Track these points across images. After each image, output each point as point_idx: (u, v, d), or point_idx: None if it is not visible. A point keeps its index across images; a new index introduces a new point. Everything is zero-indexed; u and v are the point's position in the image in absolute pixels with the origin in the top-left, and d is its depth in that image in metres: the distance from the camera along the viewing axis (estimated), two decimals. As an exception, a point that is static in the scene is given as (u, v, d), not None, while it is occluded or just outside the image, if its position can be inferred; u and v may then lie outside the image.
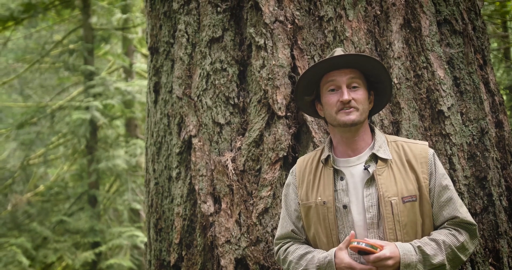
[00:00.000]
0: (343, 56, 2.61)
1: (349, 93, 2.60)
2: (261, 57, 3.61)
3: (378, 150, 2.63)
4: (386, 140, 2.69)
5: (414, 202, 2.54)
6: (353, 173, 2.64)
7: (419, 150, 2.64)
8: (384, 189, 2.54)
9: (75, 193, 13.62)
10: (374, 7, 3.65)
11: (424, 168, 2.59)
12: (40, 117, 13.31)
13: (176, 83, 3.96)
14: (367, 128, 2.71)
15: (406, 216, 2.52)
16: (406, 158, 2.62)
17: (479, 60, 3.91)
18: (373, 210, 2.54)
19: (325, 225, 2.63)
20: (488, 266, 3.40)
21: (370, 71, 2.68)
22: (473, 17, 3.96)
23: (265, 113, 3.57)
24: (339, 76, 2.63)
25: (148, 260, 4.30)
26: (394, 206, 2.52)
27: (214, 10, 3.84)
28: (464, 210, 2.60)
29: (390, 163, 2.60)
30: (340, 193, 2.62)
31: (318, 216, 2.67)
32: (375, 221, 2.53)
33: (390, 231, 2.50)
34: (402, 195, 2.53)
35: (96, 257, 12.40)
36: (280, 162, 3.51)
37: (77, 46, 13.83)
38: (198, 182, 3.72)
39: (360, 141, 2.67)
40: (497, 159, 3.70)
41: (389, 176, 2.57)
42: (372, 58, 2.65)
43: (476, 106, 3.66)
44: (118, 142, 14.19)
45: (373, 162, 2.62)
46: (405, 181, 2.56)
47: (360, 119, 2.60)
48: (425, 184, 2.57)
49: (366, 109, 2.64)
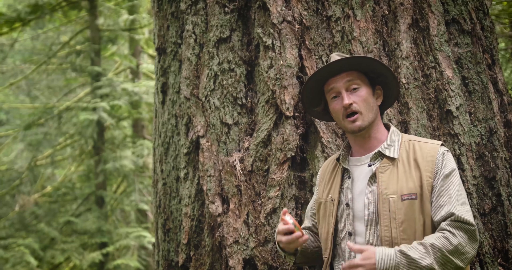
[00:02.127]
0: (330, 64, 2.65)
1: (349, 96, 2.62)
2: (269, 57, 3.61)
3: (386, 148, 2.62)
4: (400, 139, 2.67)
5: (413, 200, 2.49)
6: (362, 171, 2.66)
7: (428, 148, 2.59)
8: (383, 186, 2.53)
9: (83, 194, 13.66)
10: (382, 7, 3.64)
11: (429, 166, 2.54)
12: (47, 118, 13.35)
13: (183, 84, 3.96)
14: (379, 126, 2.71)
15: (404, 214, 2.47)
16: (414, 157, 2.58)
17: (488, 60, 3.90)
18: (371, 207, 2.55)
19: (328, 221, 2.70)
20: (497, 266, 3.38)
21: (366, 68, 2.69)
22: (481, 17, 3.94)
23: (273, 113, 3.57)
24: (336, 83, 2.67)
25: (156, 260, 4.30)
26: (392, 204, 2.49)
27: (222, 11, 3.84)
28: (464, 209, 2.47)
29: (397, 162, 2.58)
30: (345, 191, 2.67)
31: (325, 212, 2.74)
32: (373, 218, 2.54)
33: (386, 228, 2.48)
34: (401, 192, 2.50)
35: (103, 258, 12.43)
36: (288, 162, 3.51)
37: (84, 47, 13.87)
38: (206, 183, 3.72)
39: (372, 140, 2.68)
40: (506, 159, 3.68)
41: (393, 174, 2.55)
42: (360, 57, 2.70)
43: (484, 106, 3.64)
44: (125, 143, 14.21)
45: (378, 160, 2.62)
46: (407, 179, 2.52)
47: (367, 121, 2.62)
48: (427, 183, 2.50)
49: (371, 107, 2.65)
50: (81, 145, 14.41)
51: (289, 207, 3.46)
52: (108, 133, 14.25)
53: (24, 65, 15.56)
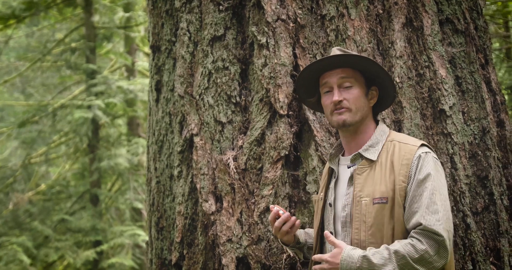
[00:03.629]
0: (327, 58, 2.62)
1: (341, 93, 2.59)
2: (263, 56, 3.61)
3: (366, 150, 2.59)
4: (385, 140, 2.61)
5: (384, 204, 2.44)
6: (345, 171, 2.67)
7: (405, 151, 2.52)
8: (358, 189, 2.52)
9: (77, 192, 13.64)
10: (376, 6, 3.65)
11: (404, 170, 2.47)
12: (41, 116, 13.32)
13: (178, 82, 3.96)
14: (369, 126, 2.67)
15: (373, 217, 2.45)
16: (391, 159, 2.52)
17: (481, 60, 3.91)
18: (347, 209, 2.55)
19: (317, 219, 2.76)
20: (489, 265, 3.40)
21: (362, 68, 2.65)
22: (475, 17, 3.95)
23: (267, 112, 3.57)
24: (330, 77, 2.64)
25: (150, 258, 4.30)
26: (363, 207, 2.48)
27: (216, 9, 3.83)
28: (435, 217, 2.36)
29: (376, 164, 2.54)
30: (330, 191, 2.70)
31: (316, 210, 2.80)
32: (348, 220, 2.54)
33: (356, 231, 2.48)
34: (373, 196, 2.47)
35: (97, 256, 12.43)
36: (281, 160, 3.51)
37: (79, 44, 13.85)
38: (199, 181, 3.72)
39: (360, 140, 2.65)
40: (499, 158, 3.70)
41: (369, 176, 2.52)
42: (358, 56, 2.63)
43: (477, 105, 3.66)
44: (120, 141, 14.20)
45: (358, 161, 2.61)
46: (381, 182, 2.48)
47: (354, 119, 2.58)
48: (400, 187, 2.44)
49: (362, 107, 2.61)
50: (75, 143, 14.38)
51: (283, 206, 3.47)
52: (103, 131, 14.24)
53: (19, 63, 15.53)
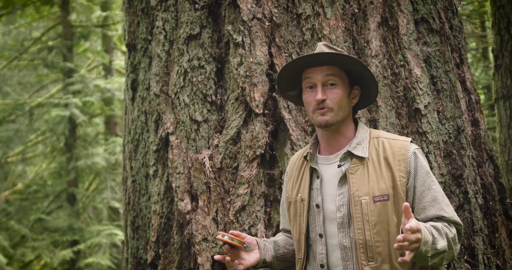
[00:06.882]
0: (316, 54, 2.55)
1: (324, 91, 2.53)
2: (239, 55, 3.60)
3: (355, 147, 2.56)
4: (368, 137, 2.60)
5: (386, 202, 2.45)
6: (330, 171, 2.60)
7: (398, 147, 2.53)
8: (355, 188, 2.48)
9: (54, 191, 13.51)
10: (352, 5, 3.66)
11: (401, 166, 2.48)
12: (18, 115, 13.20)
13: (153, 80, 3.94)
14: (349, 124, 2.63)
15: (377, 215, 2.44)
16: (384, 156, 2.52)
17: (456, 59, 3.94)
18: (344, 209, 2.50)
19: (299, 222, 2.64)
20: (463, 263, 3.42)
21: (349, 67, 2.60)
22: (450, 16, 3.98)
23: (243, 111, 3.56)
24: (315, 74, 2.57)
25: (125, 258, 4.27)
26: (364, 206, 2.45)
27: (192, 7, 3.82)
28: (451, 209, 2.49)
29: (367, 161, 2.52)
30: (314, 192, 2.61)
31: (295, 212, 2.68)
32: (346, 220, 2.50)
33: (359, 231, 2.45)
34: (373, 194, 2.46)
35: (74, 256, 12.34)
36: (257, 159, 3.51)
37: (56, 43, 13.72)
38: (175, 180, 3.70)
39: (341, 138, 2.61)
40: (473, 157, 3.72)
41: (363, 174, 2.50)
42: (348, 57, 2.57)
43: (452, 105, 3.68)
44: (98, 140, 14.11)
45: (348, 160, 2.56)
46: (378, 180, 2.48)
47: (336, 119, 2.54)
48: (401, 183, 2.46)
49: (344, 107, 2.56)
50: (52, 142, 14.26)
51: (258, 205, 3.46)
52: (80, 130, 14.14)
53: (-5, 61, 15.36)
